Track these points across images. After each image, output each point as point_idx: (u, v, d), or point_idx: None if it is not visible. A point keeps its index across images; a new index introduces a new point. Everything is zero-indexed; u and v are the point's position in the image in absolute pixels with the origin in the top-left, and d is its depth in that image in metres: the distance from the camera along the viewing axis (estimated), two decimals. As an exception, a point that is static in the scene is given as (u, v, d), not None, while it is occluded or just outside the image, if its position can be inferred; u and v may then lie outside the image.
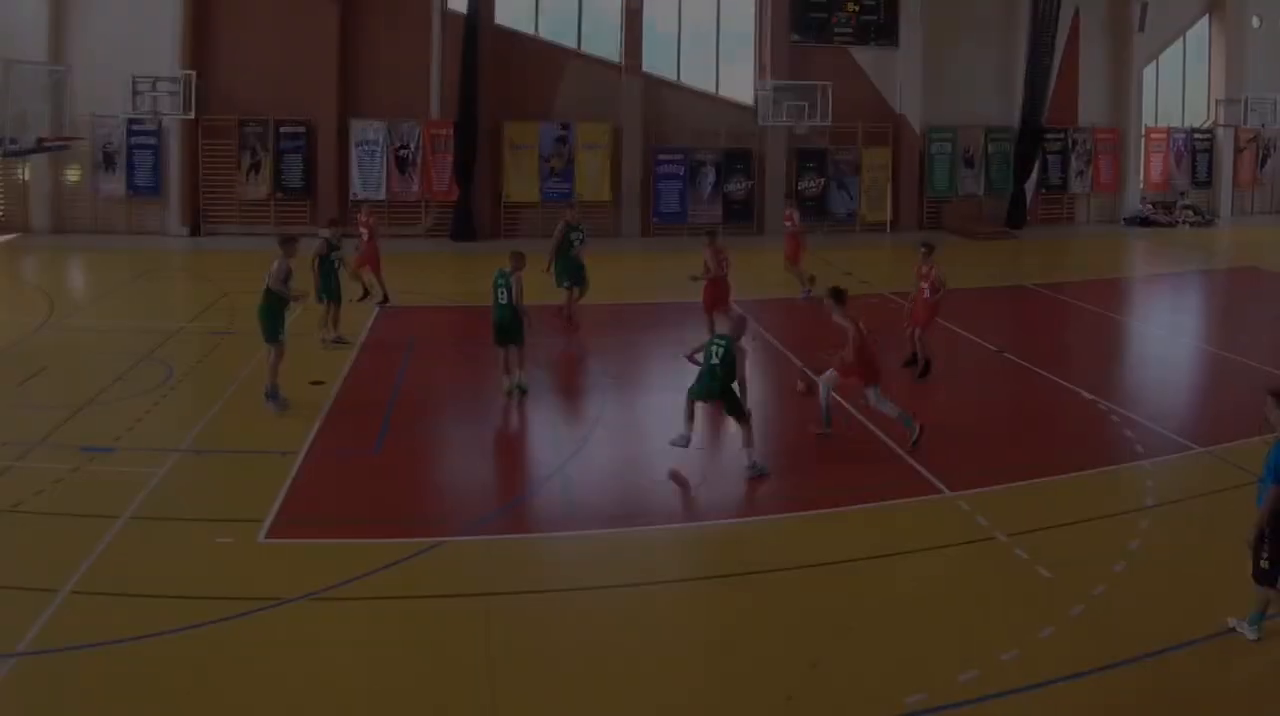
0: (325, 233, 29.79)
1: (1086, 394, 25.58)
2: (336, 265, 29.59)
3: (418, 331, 31.90)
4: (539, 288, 29.31)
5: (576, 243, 32.64)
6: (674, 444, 20.36)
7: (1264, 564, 13.63)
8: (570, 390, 26.47)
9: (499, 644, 13.96)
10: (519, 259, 25.44)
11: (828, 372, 22.45)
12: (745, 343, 21.68)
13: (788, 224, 38.41)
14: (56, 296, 35.32)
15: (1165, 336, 33.47)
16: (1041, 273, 44.39)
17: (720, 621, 14.91)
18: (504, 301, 25.05)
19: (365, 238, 33.43)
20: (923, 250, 26.47)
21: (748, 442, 20.41)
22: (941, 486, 19.50)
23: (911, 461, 20.77)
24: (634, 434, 23.35)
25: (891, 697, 12.67)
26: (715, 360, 20.51)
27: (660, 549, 17.62)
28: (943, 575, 16.32)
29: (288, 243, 24.69)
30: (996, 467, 20.56)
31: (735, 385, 20.38)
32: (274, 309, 24.06)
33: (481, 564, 16.56)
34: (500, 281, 25.12)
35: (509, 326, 24.96)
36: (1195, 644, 13.93)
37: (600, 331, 32.13)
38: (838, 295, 22.31)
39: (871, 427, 22.76)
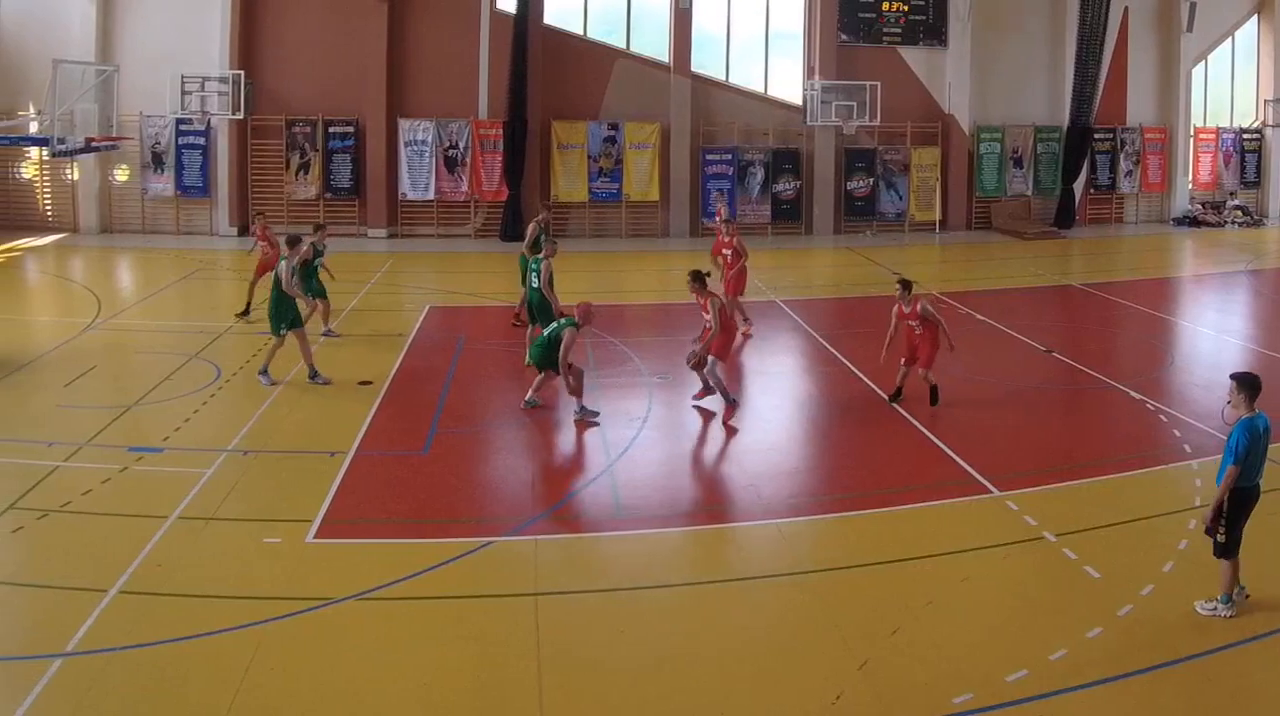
0: (311, 237, 29.58)
1: (1135, 394, 25.45)
2: (319, 267, 29.87)
3: (467, 331, 31.85)
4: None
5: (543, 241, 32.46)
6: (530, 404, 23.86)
7: (1220, 538, 14.34)
8: (618, 390, 26.04)
9: (548, 644, 13.87)
10: (551, 247, 27.85)
11: (710, 362, 23.73)
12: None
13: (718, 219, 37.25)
14: (104, 296, 35.30)
15: (1213, 336, 33.09)
16: (1090, 272, 44.72)
17: (768, 621, 14.83)
18: (534, 285, 27.10)
19: (266, 249, 32.89)
20: (899, 289, 24.81)
21: (572, 393, 23.25)
22: (990, 486, 19.37)
23: (960, 461, 20.71)
24: (682, 433, 23.26)
25: (939, 697, 12.59)
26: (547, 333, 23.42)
27: (709, 548, 17.61)
28: (991, 575, 16.10)
29: (293, 243, 26.40)
30: (1045, 467, 20.52)
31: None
32: (282, 302, 25.33)
33: (530, 563, 16.40)
34: (533, 266, 27.30)
35: (539, 308, 26.99)
36: (1244, 644, 13.82)
37: (647, 331, 32.12)
38: (698, 277, 24.43)
39: (922, 429, 22.85)
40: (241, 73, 47.88)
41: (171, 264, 41.69)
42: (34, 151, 47.84)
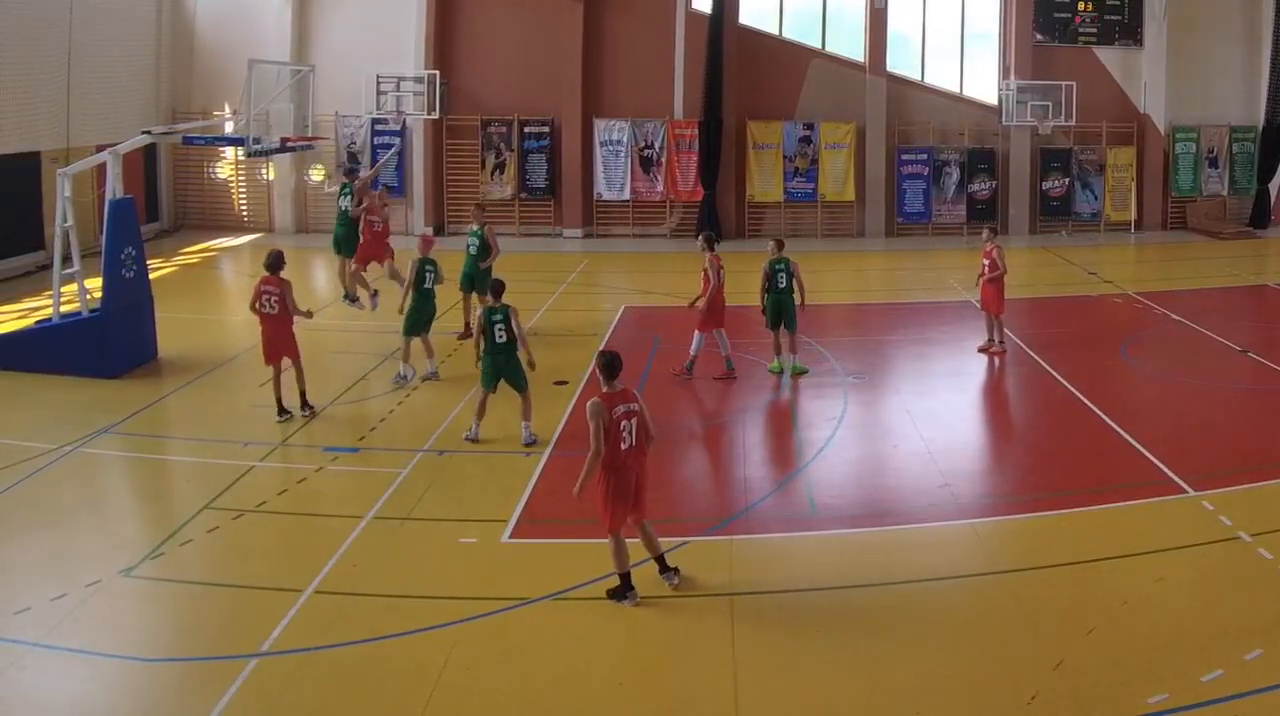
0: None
1: (1333, 395, 23.99)
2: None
3: (662, 331, 30.23)
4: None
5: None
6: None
7: None
8: (813, 390, 25.35)
9: (743, 643, 13.82)
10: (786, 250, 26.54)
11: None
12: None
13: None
14: (299, 296, 33.66)
15: None
16: (1285, 272, 41.14)
17: (963, 621, 14.49)
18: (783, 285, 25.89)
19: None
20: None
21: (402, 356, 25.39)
22: (1185, 486, 18.88)
23: (1155, 461, 20.16)
24: (877, 434, 22.77)
25: (1134, 698, 12.41)
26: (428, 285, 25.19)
27: (902, 549, 17.09)
28: (1186, 575, 15.74)
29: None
30: (1241, 467, 19.85)
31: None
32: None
33: (725, 563, 16.23)
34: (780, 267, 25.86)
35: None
36: None
37: (843, 331, 31.12)
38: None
39: (1117, 429, 22.03)
40: (436, 73, 45.63)
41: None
42: (229, 151, 46.38)
